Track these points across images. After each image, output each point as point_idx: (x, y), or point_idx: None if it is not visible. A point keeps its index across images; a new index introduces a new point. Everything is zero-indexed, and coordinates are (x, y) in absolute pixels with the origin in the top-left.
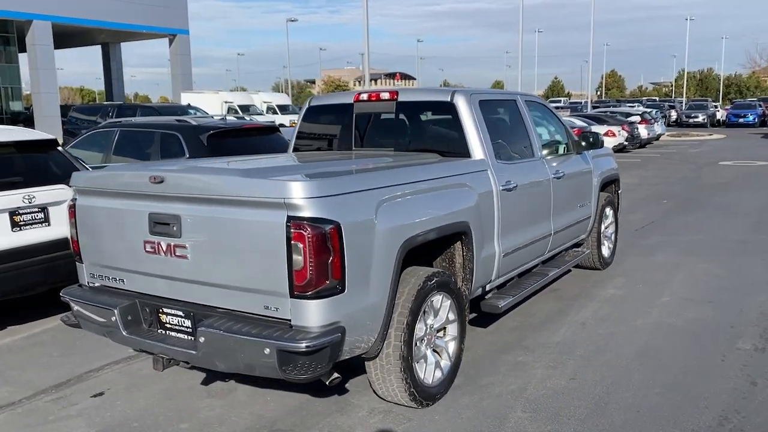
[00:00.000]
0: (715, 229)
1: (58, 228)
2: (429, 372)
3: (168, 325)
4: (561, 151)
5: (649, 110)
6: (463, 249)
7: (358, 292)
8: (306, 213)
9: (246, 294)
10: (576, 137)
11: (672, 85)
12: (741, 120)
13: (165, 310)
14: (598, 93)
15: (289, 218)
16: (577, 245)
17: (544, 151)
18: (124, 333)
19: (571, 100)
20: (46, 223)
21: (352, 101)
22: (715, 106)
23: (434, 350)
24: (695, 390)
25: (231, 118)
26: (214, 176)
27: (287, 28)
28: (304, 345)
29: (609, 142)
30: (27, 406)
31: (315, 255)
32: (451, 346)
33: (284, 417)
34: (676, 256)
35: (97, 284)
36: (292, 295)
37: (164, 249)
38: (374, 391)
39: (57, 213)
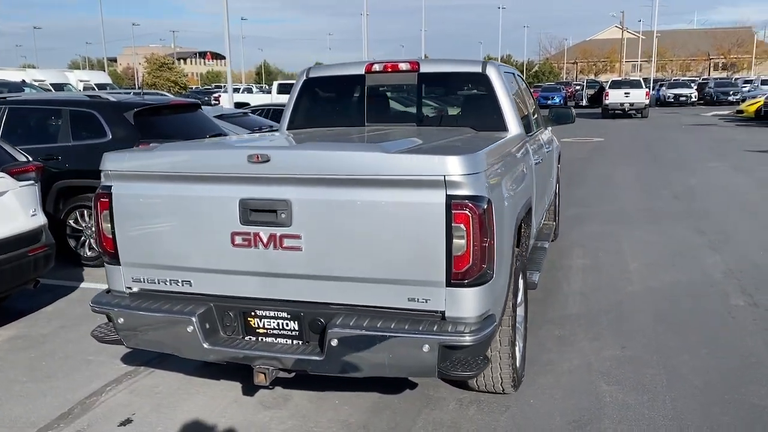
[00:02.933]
0: (616, 200)
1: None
2: (517, 355)
3: (261, 330)
4: (539, 125)
5: None
6: (522, 226)
7: (498, 276)
8: (466, 191)
9: (383, 286)
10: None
11: None
12: (549, 102)
13: (258, 312)
14: None
15: (449, 197)
16: None
17: (537, 125)
18: (205, 345)
19: None
20: None
21: (362, 72)
22: None
23: None
24: (736, 347)
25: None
26: (349, 153)
27: (101, 1)
28: (470, 338)
29: None
30: None
31: (478, 238)
32: (522, 327)
33: (372, 419)
34: (605, 226)
35: (135, 289)
36: (448, 284)
37: (264, 241)
38: (470, 381)
39: None
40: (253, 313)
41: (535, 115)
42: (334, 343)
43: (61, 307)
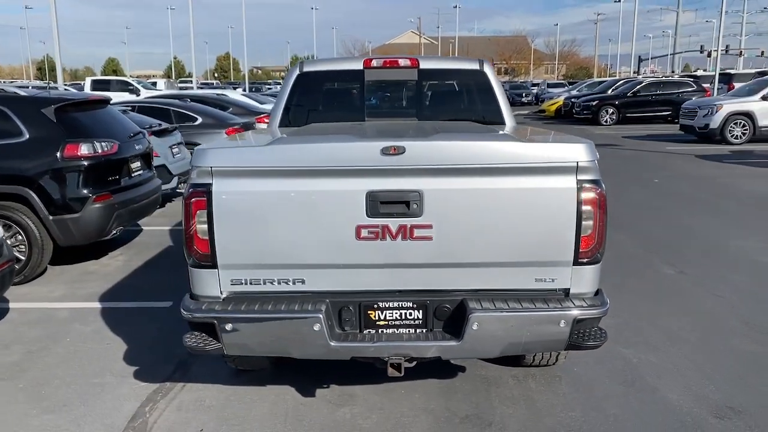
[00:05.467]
0: None
1: None
2: None
3: (382, 323)
4: None
5: None
6: None
7: None
8: (591, 176)
9: (511, 269)
10: None
11: (286, 69)
12: None
13: (381, 304)
14: (215, 75)
15: (579, 182)
16: None
17: None
18: (331, 343)
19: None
20: None
21: (361, 67)
22: None
23: None
24: (696, 307)
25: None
26: (485, 143)
27: None
28: (598, 311)
29: None
30: None
31: (602, 218)
32: None
33: (451, 403)
34: None
35: (227, 293)
36: (575, 263)
37: (394, 233)
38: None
39: None
40: (375, 306)
41: None
42: (475, 327)
43: (6, 330)
